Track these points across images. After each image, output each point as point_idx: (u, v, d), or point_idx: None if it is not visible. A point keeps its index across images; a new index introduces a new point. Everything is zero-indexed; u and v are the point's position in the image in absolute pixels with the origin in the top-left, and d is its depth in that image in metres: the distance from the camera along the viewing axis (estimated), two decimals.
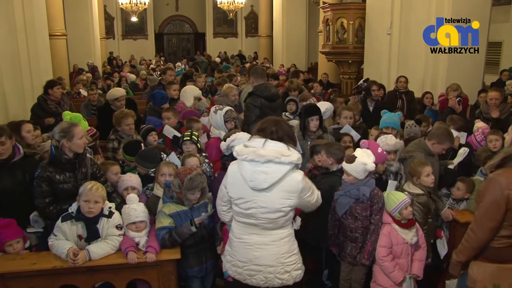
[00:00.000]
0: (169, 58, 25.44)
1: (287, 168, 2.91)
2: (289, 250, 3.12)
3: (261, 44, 23.98)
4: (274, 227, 3.05)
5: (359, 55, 11.15)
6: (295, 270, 3.13)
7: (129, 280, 3.50)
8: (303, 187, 3.00)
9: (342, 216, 3.77)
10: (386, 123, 5.11)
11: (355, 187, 3.64)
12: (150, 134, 5.10)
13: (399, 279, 3.62)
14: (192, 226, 3.45)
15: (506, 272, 2.78)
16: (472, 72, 7.92)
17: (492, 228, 2.77)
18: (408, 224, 3.64)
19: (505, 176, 2.71)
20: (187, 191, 3.53)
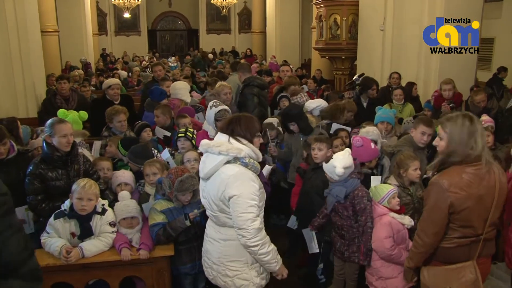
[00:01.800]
0: (162, 54, 25.32)
1: (219, 159, 2.88)
2: (235, 255, 2.99)
3: (254, 40, 23.93)
4: (219, 223, 3.01)
5: (353, 51, 11.14)
6: (238, 279, 3.00)
7: (123, 277, 3.49)
8: (229, 182, 2.85)
9: (331, 213, 3.83)
10: (381, 118, 5.13)
11: (334, 186, 3.71)
12: (144, 131, 5.09)
13: None
14: (186, 220, 3.44)
15: (455, 272, 2.75)
16: (464, 68, 7.93)
17: (436, 233, 2.73)
18: (402, 209, 3.69)
19: (446, 178, 2.67)
20: (178, 193, 3.52)
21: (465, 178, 2.63)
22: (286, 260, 4.99)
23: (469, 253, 2.74)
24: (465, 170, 2.64)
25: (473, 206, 2.65)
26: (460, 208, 2.64)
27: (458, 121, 2.69)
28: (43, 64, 9.54)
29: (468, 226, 2.70)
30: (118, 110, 5.21)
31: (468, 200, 2.63)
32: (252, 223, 2.83)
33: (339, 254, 3.86)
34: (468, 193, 2.62)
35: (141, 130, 5.10)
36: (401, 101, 6.79)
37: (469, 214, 2.66)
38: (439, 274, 2.81)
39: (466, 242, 2.73)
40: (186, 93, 6.56)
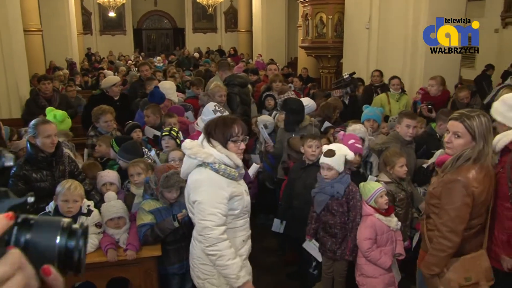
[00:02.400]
0: (148, 53, 25.18)
1: (190, 161, 2.88)
2: (206, 258, 2.90)
3: (240, 39, 23.89)
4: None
5: (338, 50, 11.18)
6: (208, 283, 2.95)
7: (110, 278, 3.45)
8: (195, 187, 2.84)
9: (321, 213, 3.79)
10: (367, 116, 5.16)
11: (329, 184, 3.67)
12: (134, 131, 5.08)
13: (388, 263, 3.65)
14: (174, 221, 3.41)
15: (471, 261, 2.80)
16: (449, 66, 8.00)
17: (464, 229, 2.75)
18: (389, 211, 3.70)
19: (463, 175, 2.69)
20: (163, 189, 3.50)
21: (479, 173, 2.69)
22: (276, 258, 5.04)
23: (477, 243, 2.83)
24: (475, 167, 2.70)
25: (484, 199, 2.74)
26: (478, 202, 2.71)
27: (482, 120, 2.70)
28: (26, 64, 9.43)
29: (476, 218, 2.77)
30: (104, 110, 5.16)
31: (483, 193, 2.71)
32: (210, 232, 2.75)
33: (330, 253, 3.85)
34: (484, 186, 2.71)
35: (131, 131, 5.08)
36: (398, 90, 6.98)
37: (481, 206, 2.75)
38: (458, 265, 2.81)
39: (471, 233, 2.80)
40: (174, 93, 6.55)
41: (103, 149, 4.67)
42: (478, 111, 2.83)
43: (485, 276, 2.77)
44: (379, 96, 7.07)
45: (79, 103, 8.52)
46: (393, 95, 6.93)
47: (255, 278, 3.16)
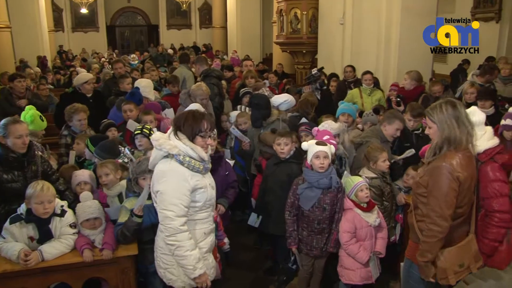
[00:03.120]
0: (122, 51, 24.85)
1: (156, 153, 2.97)
2: (166, 248, 3.00)
3: (215, 35, 23.81)
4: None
5: (313, 45, 11.25)
6: (168, 272, 3.05)
7: (86, 279, 3.39)
8: (158, 177, 2.92)
9: (309, 210, 3.74)
10: (342, 110, 5.19)
11: (323, 176, 3.64)
12: (109, 130, 5.01)
13: (365, 259, 3.71)
14: (133, 217, 3.34)
15: (465, 248, 2.90)
16: (421, 61, 8.12)
17: (451, 214, 2.81)
18: (369, 207, 3.74)
19: (447, 161, 2.77)
20: (137, 176, 3.49)
21: (462, 160, 2.77)
22: (253, 254, 5.05)
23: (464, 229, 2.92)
24: (458, 154, 2.78)
25: (467, 186, 2.82)
26: (463, 188, 2.78)
27: (442, 108, 2.84)
28: None
29: (461, 206, 2.84)
30: (78, 108, 5.07)
31: (467, 180, 2.79)
32: (170, 222, 2.84)
33: (316, 251, 3.85)
34: (468, 173, 2.79)
35: (106, 129, 5.01)
36: (370, 85, 7.07)
37: (465, 194, 2.82)
38: (453, 253, 2.90)
39: (459, 222, 2.90)
40: (151, 91, 6.51)
41: (81, 147, 4.59)
42: (443, 100, 2.92)
43: (474, 259, 2.88)
44: (352, 91, 7.14)
45: (52, 102, 8.35)
46: (365, 89, 7.03)
47: (233, 274, 3.17)
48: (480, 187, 3.03)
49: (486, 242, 3.04)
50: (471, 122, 2.84)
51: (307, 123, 5.00)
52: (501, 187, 2.99)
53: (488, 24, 12.36)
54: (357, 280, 3.79)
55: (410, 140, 4.77)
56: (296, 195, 3.77)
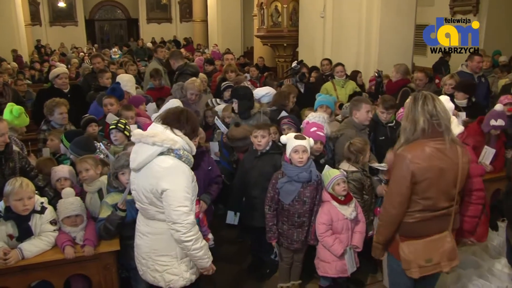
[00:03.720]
0: (102, 45, 24.49)
1: (152, 149, 2.82)
2: (163, 250, 2.95)
3: (196, 29, 23.69)
4: (147, 215, 2.96)
5: (294, 38, 11.26)
6: (167, 273, 2.96)
7: (68, 276, 3.37)
8: (163, 175, 2.80)
9: (289, 204, 3.75)
10: (320, 102, 5.22)
11: (303, 170, 3.65)
12: (90, 125, 4.95)
13: (339, 251, 3.75)
14: (117, 211, 3.34)
15: (433, 243, 2.89)
16: (402, 54, 8.20)
17: (400, 202, 2.84)
18: (346, 200, 3.77)
19: (409, 151, 2.81)
20: (116, 171, 3.48)
21: (427, 151, 2.78)
22: (236, 248, 5.06)
23: (441, 226, 2.90)
24: (428, 144, 2.79)
25: (433, 178, 2.79)
26: (421, 179, 2.78)
27: (412, 100, 2.88)
28: None
29: (428, 198, 2.84)
30: (58, 102, 5.05)
31: (428, 171, 2.77)
32: (187, 217, 2.78)
33: (297, 244, 3.86)
34: (429, 164, 2.77)
35: (87, 125, 4.95)
36: (342, 77, 7.17)
37: (429, 185, 2.80)
38: (419, 247, 2.91)
39: (428, 216, 2.86)
40: (133, 86, 6.51)
41: (56, 144, 4.53)
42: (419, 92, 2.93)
43: (447, 257, 2.87)
44: (325, 85, 7.20)
45: (30, 97, 8.23)
46: (338, 81, 7.13)
47: (217, 267, 3.17)
48: None
49: (467, 220, 3.16)
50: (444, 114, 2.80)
51: (288, 116, 5.00)
52: (475, 168, 3.15)
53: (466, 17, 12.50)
54: (332, 272, 3.85)
55: (385, 132, 4.82)
56: (275, 189, 3.76)
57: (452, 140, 2.81)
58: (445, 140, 2.78)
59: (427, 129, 2.77)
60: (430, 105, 2.77)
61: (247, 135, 4.47)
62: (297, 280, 4.13)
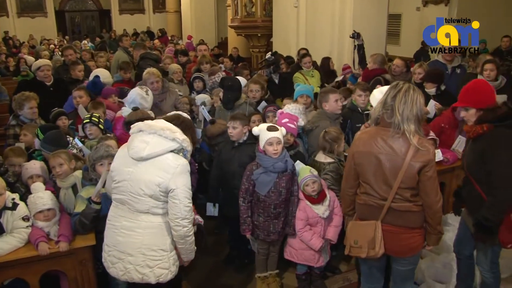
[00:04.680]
0: (73, 37, 23.96)
1: (169, 144, 2.87)
2: (156, 244, 2.93)
3: (169, 20, 23.41)
4: (141, 208, 2.90)
5: (268, 28, 11.25)
6: (159, 268, 2.94)
7: (42, 273, 3.31)
8: (176, 172, 2.85)
9: (265, 195, 3.74)
10: (300, 92, 5.22)
11: (278, 160, 3.64)
12: (60, 119, 4.86)
13: (318, 245, 3.80)
14: (91, 204, 3.31)
15: (361, 227, 2.98)
16: (375, 43, 8.28)
17: (346, 177, 3.08)
18: (319, 198, 3.79)
19: (360, 134, 2.98)
20: (95, 162, 3.44)
21: (370, 138, 2.86)
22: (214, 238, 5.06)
23: (375, 214, 2.93)
24: (377, 132, 2.85)
25: (368, 164, 2.87)
26: (358, 161, 2.92)
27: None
28: None
29: (367, 183, 2.92)
30: (28, 96, 4.95)
31: (364, 156, 2.87)
32: (192, 214, 2.94)
33: (273, 236, 3.86)
34: (366, 150, 2.86)
35: (56, 118, 4.87)
36: (310, 67, 7.22)
37: (365, 170, 2.90)
38: (352, 227, 3.07)
39: (370, 202, 2.93)
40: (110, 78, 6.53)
41: (29, 139, 4.44)
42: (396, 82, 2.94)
43: (367, 244, 2.94)
44: (295, 76, 7.20)
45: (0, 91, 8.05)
46: (307, 72, 7.16)
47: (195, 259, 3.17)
48: None
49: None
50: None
51: (274, 104, 5.05)
52: None
53: (438, 6, 12.74)
54: (297, 259, 3.95)
55: (362, 120, 4.86)
56: (250, 181, 3.75)
57: (404, 132, 2.74)
58: (390, 129, 2.77)
59: (379, 118, 2.84)
60: (391, 95, 2.78)
61: (224, 130, 4.46)
62: (274, 269, 4.15)
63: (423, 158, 2.73)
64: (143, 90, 5.07)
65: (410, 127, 2.73)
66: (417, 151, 2.73)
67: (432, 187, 2.79)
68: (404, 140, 2.75)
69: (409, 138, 2.73)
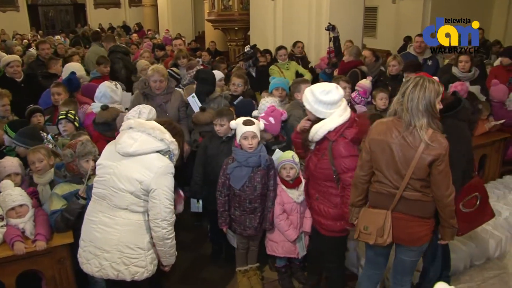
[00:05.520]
0: (47, 32, 23.49)
1: (157, 144, 2.91)
2: (133, 241, 2.90)
3: (145, 14, 23.21)
4: (120, 204, 2.88)
5: (245, 22, 11.23)
6: (134, 266, 2.91)
7: (19, 273, 3.25)
8: (160, 172, 2.86)
9: (240, 189, 3.74)
10: (275, 84, 5.23)
11: (253, 154, 3.63)
12: (34, 116, 4.78)
13: (294, 236, 3.83)
14: (79, 199, 3.29)
15: (372, 215, 3.03)
16: (352, 36, 8.32)
17: (361, 165, 3.07)
18: (294, 183, 3.83)
19: (377, 123, 3.00)
20: (80, 158, 3.40)
21: (385, 126, 2.92)
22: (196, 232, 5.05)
23: (386, 203, 2.97)
24: (392, 122, 2.90)
25: (381, 152, 2.91)
26: (372, 149, 2.96)
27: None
28: None
29: (380, 171, 2.96)
30: (0, 93, 4.86)
31: (378, 145, 2.92)
32: (172, 216, 2.91)
33: (250, 230, 3.86)
34: (380, 139, 2.91)
35: (31, 115, 4.78)
36: (285, 60, 7.23)
37: (378, 158, 2.93)
38: (363, 214, 3.09)
39: (383, 190, 2.98)
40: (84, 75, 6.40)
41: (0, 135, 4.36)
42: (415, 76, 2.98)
43: (376, 231, 2.99)
44: (271, 69, 7.21)
45: None
46: (282, 65, 7.18)
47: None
48: (335, 163, 3.21)
49: (347, 211, 3.25)
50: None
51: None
52: (352, 161, 3.17)
53: (413, 1, 12.82)
54: (279, 252, 3.96)
55: None
56: (226, 174, 3.75)
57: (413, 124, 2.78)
58: (402, 120, 2.82)
59: (396, 109, 2.87)
60: (401, 91, 2.83)
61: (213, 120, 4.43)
62: (254, 263, 4.17)
63: (435, 151, 2.76)
64: (112, 83, 4.99)
65: (421, 121, 2.76)
66: (428, 145, 2.76)
67: (443, 181, 2.82)
68: (417, 134, 2.79)
69: (420, 134, 2.77)
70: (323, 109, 3.18)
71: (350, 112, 3.25)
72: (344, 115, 3.20)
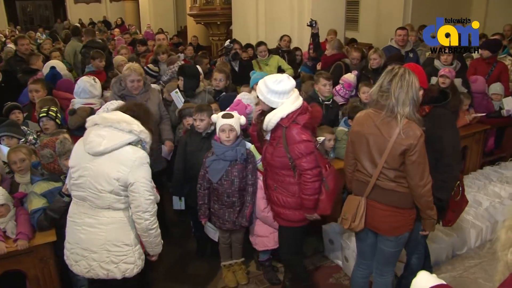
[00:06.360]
0: (26, 27, 23.09)
1: (126, 137, 2.80)
2: (119, 239, 2.87)
3: (127, 9, 22.97)
4: (102, 204, 2.84)
5: (227, 16, 11.19)
6: (124, 263, 2.89)
7: (1, 273, 3.21)
8: (135, 165, 2.79)
9: (217, 182, 3.74)
10: (256, 79, 5.18)
11: (229, 148, 3.64)
12: (13, 113, 4.71)
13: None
14: (63, 197, 3.25)
15: (350, 201, 3.12)
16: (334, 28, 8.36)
17: (345, 154, 3.25)
18: None
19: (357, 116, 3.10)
20: (61, 157, 3.36)
21: (362, 118, 3.01)
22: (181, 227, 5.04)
23: (362, 190, 3.05)
24: (370, 113, 2.96)
25: (359, 143, 3.01)
26: (352, 140, 3.10)
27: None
28: None
29: (358, 160, 3.06)
30: None
31: (357, 135, 3.02)
32: (154, 205, 2.89)
33: (229, 224, 3.87)
34: (358, 130, 3.01)
35: (9, 112, 4.71)
36: (265, 56, 7.26)
37: (356, 148, 3.04)
38: (346, 200, 3.19)
39: (361, 178, 3.07)
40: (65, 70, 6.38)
41: None
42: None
43: (351, 216, 3.08)
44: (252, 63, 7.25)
45: None
46: (261, 60, 7.21)
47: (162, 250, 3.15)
48: (290, 150, 3.23)
49: (307, 198, 3.29)
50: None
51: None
52: (307, 146, 3.20)
53: None
54: (271, 244, 3.94)
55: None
56: (206, 167, 3.76)
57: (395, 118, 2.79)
58: (382, 112, 2.83)
59: (375, 99, 2.89)
60: (387, 79, 2.83)
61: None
62: (239, 258, 4.19)
63: (407, 141, 2.77)
64: (90, 78, 4.92)
65: (404, 110, 2.77)
66: (401, 135, 2.78)
67: (417, 171, 2.83)
68: (393, 123, 2.81)
69: (399, 122, 2.78)
70: (276, 99, 3.20)
71: (302, 101, 3.29)
72: (296, 103, 3.22)
